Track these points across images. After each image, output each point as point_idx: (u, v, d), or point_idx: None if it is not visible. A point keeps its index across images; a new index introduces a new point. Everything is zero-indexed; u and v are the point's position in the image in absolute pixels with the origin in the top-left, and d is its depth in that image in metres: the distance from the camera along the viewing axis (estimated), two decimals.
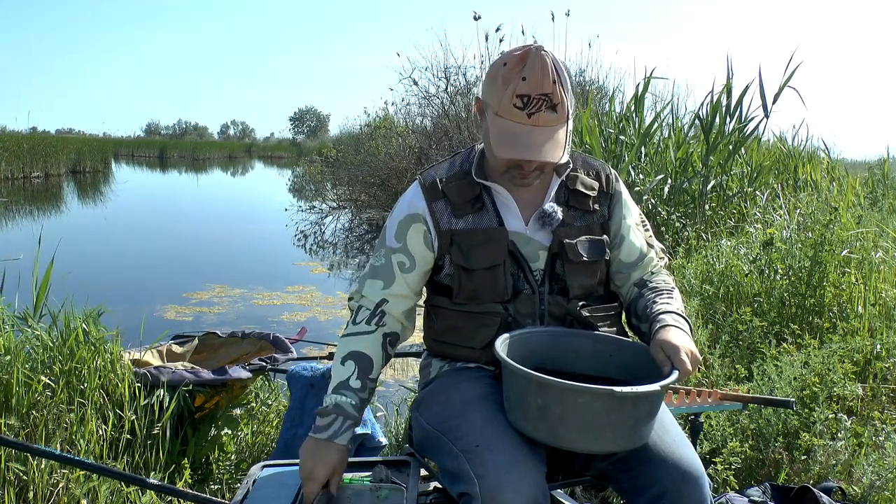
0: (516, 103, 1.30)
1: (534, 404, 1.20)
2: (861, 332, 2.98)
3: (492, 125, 1.35)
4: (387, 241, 1.49)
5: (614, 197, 1.53)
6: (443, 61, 10.47)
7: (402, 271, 1.46)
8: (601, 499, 2.29)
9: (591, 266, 1.46)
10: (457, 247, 1.42)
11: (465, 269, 1.41)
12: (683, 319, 1.37)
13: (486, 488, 1.16)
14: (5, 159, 19.61)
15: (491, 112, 1.35)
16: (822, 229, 3.44)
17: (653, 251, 1.54)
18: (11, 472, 1.99)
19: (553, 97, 1.31)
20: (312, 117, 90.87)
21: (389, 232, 1.50)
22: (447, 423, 1.33)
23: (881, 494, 2.06)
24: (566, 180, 1.48)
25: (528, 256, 1.43)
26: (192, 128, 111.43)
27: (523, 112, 1.30)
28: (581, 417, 1.15)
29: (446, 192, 1.46)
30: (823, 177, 6.36)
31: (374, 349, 1.43)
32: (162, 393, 2.22)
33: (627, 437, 1.20)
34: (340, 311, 5.77)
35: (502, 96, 1.32)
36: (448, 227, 1.44)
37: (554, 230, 1.43)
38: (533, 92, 1.29)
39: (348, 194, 14.03)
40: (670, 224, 5.22)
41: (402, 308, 1.47)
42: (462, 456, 1.23)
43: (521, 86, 1.30)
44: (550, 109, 1.31)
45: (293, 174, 26.09)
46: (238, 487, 1.73)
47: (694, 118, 6.16)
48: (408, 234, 1.47)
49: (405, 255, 1.46)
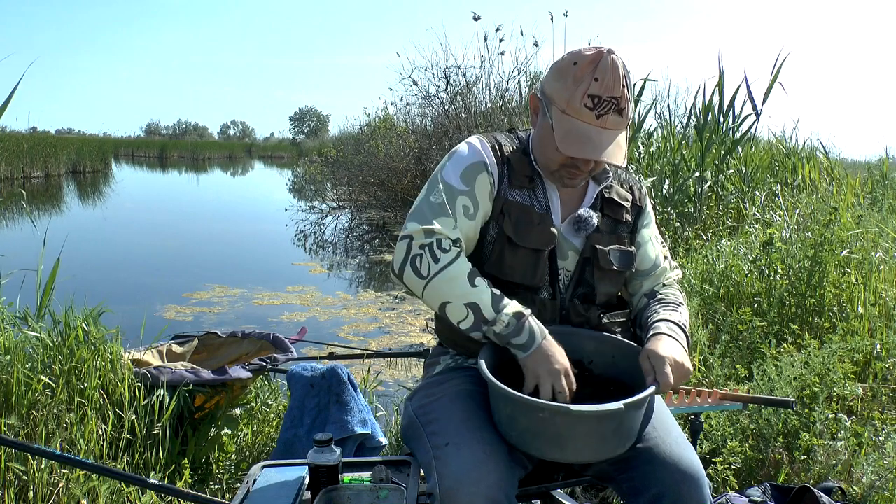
0: (587, 103, 1.31)
1: (504, 412, 1.22)
2: (861, 332, 2.98)
3: (558, 122, 1.33)
4: (449, 181, 1.37)
5: (642, 210, 1.55)
6: (443, 61, 10.46)
7: (466, 217, 1.35)
8: (601, 499, 2.29)
9: (619, 276, 1.48)
10: (507, 217, 1.39)
11: (512, 242, 1.38)
12: (680, 329, 1.37)
13: (444, 488, 1.17)
14: (5, 159, 19.59)
15: (557, 109, 1.34)
16: (821, 229, 3.44)
17: (666, 263, 1.56)
18: (11, 472, 1.99)
19: (621, 101, 1.32)
20: (312, 117, 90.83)
21: (452, 172, 1.38)
22: (428, 416, 1.34)
23: (881, 494, 2.05)
24: (602, 190, 1.49)
25: (559, 254, 1.43)
26: (192, 128, 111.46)
27: (592, 113, 1.31)
28: (544, 430, 1.16)
29: (510, 160, 1.43)
30: (823, 177, 6.36)
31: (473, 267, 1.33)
32: (162, 393, 2.22)
33: (595, 449, 1.20)
34: (340, 311, 5.77)
35: (573, 95, 1.31)
36: (504, 195, 1.40)
37: (588, 235, 1.44)
38: (604, 94, 1.30)
39: (348, 194, 14.03)
40: (670, 224, 5.23)
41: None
42: (432, 453, 1.25)
43: (593, 86, 1.30)
44: (617, 113, 1.32)
45: (293, 174, 26.10)
46: (238, 487, 1.73)
47: (687, 118, 6.17)
48: (477, 179, 1.38)
49: (471, 199, 1.36)
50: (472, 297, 1.27)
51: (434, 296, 1.30)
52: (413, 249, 1.30)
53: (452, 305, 1.28)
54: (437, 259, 1.28)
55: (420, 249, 1.30)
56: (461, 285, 1.27)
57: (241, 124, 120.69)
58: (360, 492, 1.29)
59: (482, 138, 1.45)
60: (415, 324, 5.41)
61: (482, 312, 1.27)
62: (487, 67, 9.78)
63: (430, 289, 1.29)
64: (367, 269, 8.10)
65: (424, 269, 1.29)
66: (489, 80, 9.85)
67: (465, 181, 1.37)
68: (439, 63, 10.46)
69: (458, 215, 1.34)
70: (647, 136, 6.52)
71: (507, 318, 1.27)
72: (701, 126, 5.68)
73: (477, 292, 1.28)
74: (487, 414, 1.29)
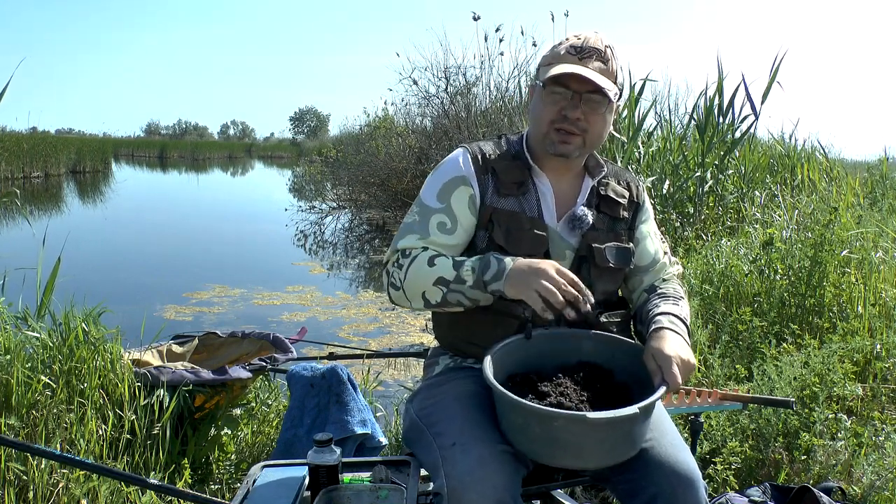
0: (569, 51, 1.38)
1: (515, 422, 1.21)
2: (861, 332, 2.98)
3: (543, 73, 1.39)
4: (426, 201, 1.42)
5: (640, 207, 1.55)
6: (443, 61, 10.45)
7: (443, 232, 1.39)
8: (601, 499, 2.29)
9: (616, 273, 1.48)
10: (497, 226, 1.40)
11: (503, 250, 1.39)
12: (681, 322, 1.36)
13: (451, 487, 1.17)
14: (5, 159, 19.59)
15: (543, 69, 1.40)
16: (821, 229, 3.44)
17: (666, 258, 1.56)
18: (11, 472, 1.99)
19: (604, 55, 1.38)
20: (312, 117, 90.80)
21: (429, 192, 1.43)
22: (431, 418, 1.34)
23: (881, 494, 2.05)
24: (597, 186, 1.49)
25: (555, 255, 1.43)
26: (192, 128, 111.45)
27: (575, 57, 1.37)
28: (558, 438, 1.15)
29: (495, 169, 1.44)
30: (822, 177, 6.36)
31: (442, 252, 1.37)
32: (162, 393, 2.22)
33: (607, 455, 1.19)
34: (340, 311, 5.77)
35: (555, 51, 1.40)
36: (491, 204, 1.41)
37: (583, 233, 1.44)
38: (585, 45, 1.38)
39: (348, 194, 14.03)
40: (670, 224, 5.23)
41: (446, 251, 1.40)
42: (438, 453, 1.25)
43: (574, 41, 1.39)
44: (601, 62, 1.38)
45: (293, 174, 26.10)
46: (238, 487, 1.73)
47: (688, 119, 6.17)
48: (453, 195, 1.41)
49: (447, 215, 1.40)
50: (436, 274, 1.32)
51: (413, 295, 1.35)
52: (389, 271, 1.40)
53: (427, 291, 1.33)
54: (402, 265, 1.36)
55: (391, 268, 1.39)
56: (423, 271, 1.33)
57: (241, 124, 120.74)
58: (360, 492, 1.29)
59: (465, 150, 1.47)
60: (415, 324, 5.41)
61: (447, 278, 1.31)
62: (487, 67, 9.80)
63: (407, 292, 1.35)
64: (367, 269, 8.10)
65: (397, 280, 1.37)
66: (489, 80, 9.87)
67: (441, 199, 1.41)
68: (439, 63, 10.46)
69: (432, 231, 1.39)
70: (647, 136, 6.52)
71: (469, 265, 1.31)
72: (703, 126, 5.68)
73: (437, 269, 1.32)
74: (491, 414, 1.29)
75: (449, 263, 1.32)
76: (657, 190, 5.57)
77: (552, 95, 1.38)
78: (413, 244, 1.37)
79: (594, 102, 1.37)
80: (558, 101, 1.38)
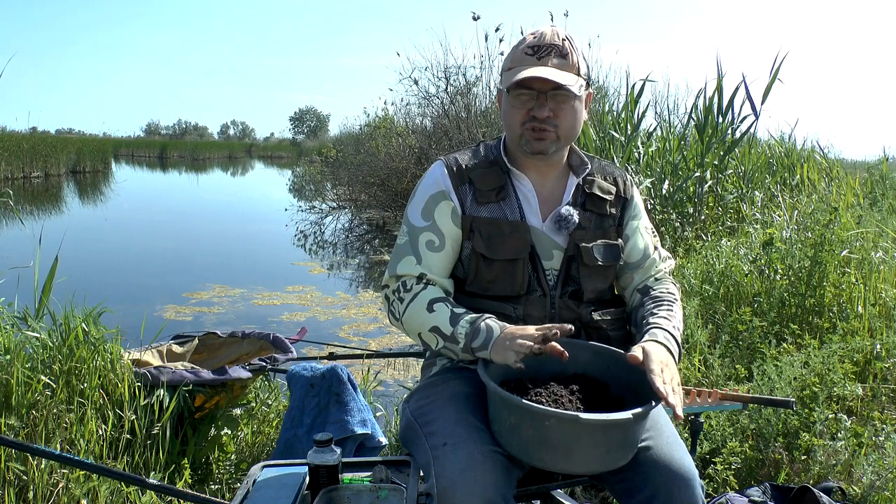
0: (527, 51, 1.38)
1: (507, 422, 1.20)
2: (861, 332, 2.99)
3: (505, 79, 1.40)
4: (412, 220, 1.45)
5: (629, 202, 1.54)
6: (443, 61, 10.45)
7: (432, 250, 1.42)
8: (601, 499, 2.29)
9: (606, 270, 1.47)
10: (478, 234, 1.41)
11: (486, 257, 1.40)
12: (674, 339, 1.34)
13: (441, 487, 1.17)
14: (5, 159, 19.59)
15: (505, 77, 1.40)
16: (821, 229, 3.44)
17: (657, 253, 1.55)
18: (11, 472, 1.99)
19: (562, 49, 1.38)
20: (312, 117, 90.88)
21: (413, 211, 1.46)
22: (425, 418, 1.34)
23: (881, 494, 2.06)
24: (583, 183, 1.49)
25: (542, 255, 1.43)
26: (192, 128, 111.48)
27: (533, 57, 1.38)
28: (550, 439, 1.15)
29: (472, 178, 1.45)
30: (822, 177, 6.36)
31: (439, 292, 1.40)
32: (162, 393, 2.22)
33: (600, 461, 1.18)
34: (340, 311, 5.77)
35: (514, 54, 1.41)
36: (470, 213, 1.43)
37: (571, 233, 1.44)
38: (541, 43, 1.38)
39: (348, 194, 14.04)
40: (669, 224, 5.23)
41: (442, 284, 1.43)
42: (430, 453, 1.25)
43: (530, 41, 1.39)
44: (560, 57, 1.38)
45: (293, 174, 26.08)
46: (238, 487, 1.73)
47: (688, 118, 6.17)
48: (435, 211, 1.44)
49: (433, 233, 1.43)
50: (432, 322, 1.35)
51: (410, 330, 1.41)
52: (389, 298, 1.43)
53: (423, 334, 1.38)
54: (403, 299, 1.40)
55: (393, 295, 1.42)
56: (422, 315, 1.36)
57: (241, 124, 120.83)
58: (360, 492, 1.29)
59: (441, 163, 1.49)
60: None
61: (443, 331, 1.34)
62: (487, 67, 9.79)
63: (405, 325, 1.41)
64: (367, 269, 8.10)
65: (397, 311, 1.41)
66: (489, 80, 9.87)
67: (426, 216, 1.44)
68: (439, 63, 10.47)
69: (422, 252, 1.42)
70: (646, 136, 6.52)
71: (463, 328, 1.32)
72: (702, 126, 5.68)
73: (435, 316, 1.35)
74: (484, 416, 1.29)
75: (447, 315, 1.34)
76: (657, 190, 5.57)
77: (518, 98, 1.40)
78: (410, 271, 1.41)
79: (560, 98, 1.38)
80: (525, 103, 1.39)
